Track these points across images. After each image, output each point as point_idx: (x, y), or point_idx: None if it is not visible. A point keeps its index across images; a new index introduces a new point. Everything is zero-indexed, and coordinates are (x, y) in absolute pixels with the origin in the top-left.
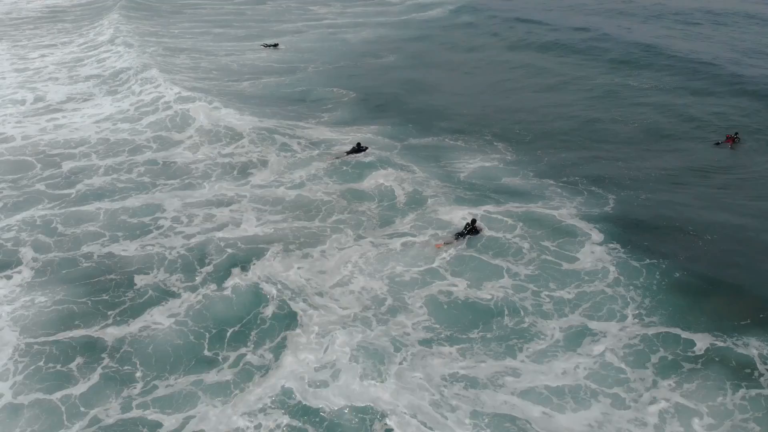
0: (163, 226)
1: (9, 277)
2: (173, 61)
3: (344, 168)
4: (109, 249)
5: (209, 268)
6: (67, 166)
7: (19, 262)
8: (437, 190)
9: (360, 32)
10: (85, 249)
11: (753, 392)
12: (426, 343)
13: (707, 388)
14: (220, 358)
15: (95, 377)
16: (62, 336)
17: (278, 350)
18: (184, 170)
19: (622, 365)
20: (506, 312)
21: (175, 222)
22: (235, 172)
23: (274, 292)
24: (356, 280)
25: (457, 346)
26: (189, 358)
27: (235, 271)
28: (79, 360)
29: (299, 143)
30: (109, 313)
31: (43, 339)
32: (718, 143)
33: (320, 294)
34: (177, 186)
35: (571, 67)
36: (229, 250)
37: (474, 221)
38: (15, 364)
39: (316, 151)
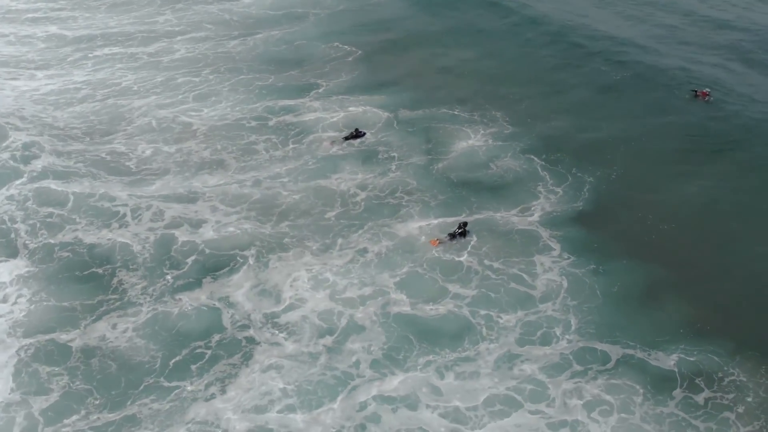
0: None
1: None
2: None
3: (317, 164)
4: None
5: (168, 280)
6: None
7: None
8: (408, 196)
9: None
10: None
11: (660, 398)
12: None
13: (619, 388)
14: (155, 381)
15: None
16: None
17: (220, 382)
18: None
19: (541, 378)
20: (448, 331)
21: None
22: (194, 168)
23: (227, 318)
24: (310, 301)
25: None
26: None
27: (193, 286)
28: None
29: (287, 135)
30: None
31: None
32: (695, 94)
33: (269, 323)
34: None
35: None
36: (193, 257)
37: (465, 224)
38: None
39: (310, 137)
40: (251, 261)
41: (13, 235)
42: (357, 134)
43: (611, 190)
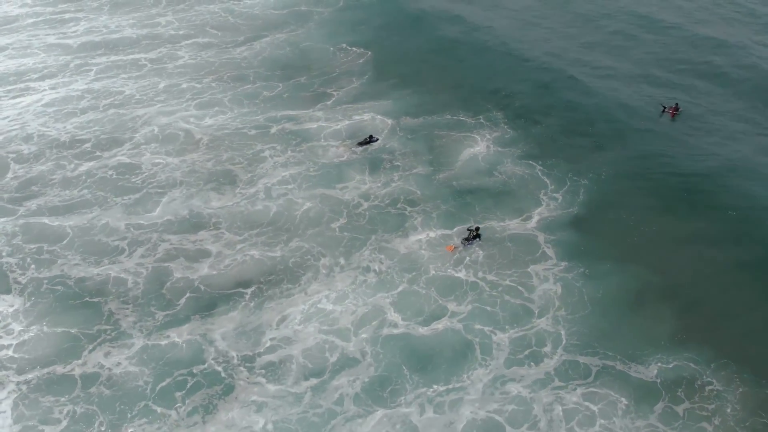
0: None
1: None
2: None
3: (320, 171)
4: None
5: (156, 318)
6: None
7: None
8: (410, 207)
9: None
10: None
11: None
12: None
13: (601, 399)
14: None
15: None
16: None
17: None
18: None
19: (525, 395)
20: (441, 356)
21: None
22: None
23: (214, 353)
24: (304, 334)
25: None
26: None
27: (185, 322)
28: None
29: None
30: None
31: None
32: (663, 110)
33: (249, 363)
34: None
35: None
36: (189, 294)
37: (477, 228)
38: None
39: (316, 144)
40: (249, 295)
41: (4, 269)
42: (370, 140)
43: (603, 192)
